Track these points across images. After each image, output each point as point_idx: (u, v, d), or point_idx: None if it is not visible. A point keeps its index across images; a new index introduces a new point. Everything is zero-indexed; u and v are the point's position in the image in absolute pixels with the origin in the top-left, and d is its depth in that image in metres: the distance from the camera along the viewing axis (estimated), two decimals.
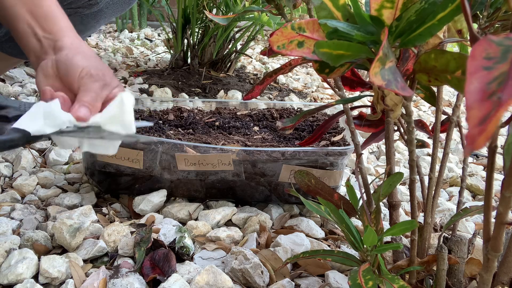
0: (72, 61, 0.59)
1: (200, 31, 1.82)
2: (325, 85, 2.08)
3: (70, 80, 0.59)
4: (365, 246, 0.54)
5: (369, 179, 1.07)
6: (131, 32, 3.13)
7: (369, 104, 0.71)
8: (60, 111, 0.56)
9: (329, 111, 1.13)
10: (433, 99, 0.56)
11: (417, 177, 0.55)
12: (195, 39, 1.79)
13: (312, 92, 1.97)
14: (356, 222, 0.84)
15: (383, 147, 1.33)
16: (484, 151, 1.39)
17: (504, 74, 0.21)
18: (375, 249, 0.53)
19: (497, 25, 0.49)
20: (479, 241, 0.74)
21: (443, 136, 0.59)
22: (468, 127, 0.21)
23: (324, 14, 0.42)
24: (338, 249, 0.78)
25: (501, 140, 1.36)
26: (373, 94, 0.47)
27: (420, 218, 0.82)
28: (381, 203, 0.83)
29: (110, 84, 0.60)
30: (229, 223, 0.85)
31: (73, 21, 1.00)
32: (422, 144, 0.65)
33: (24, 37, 0.62)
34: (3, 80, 1.57)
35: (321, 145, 0.91)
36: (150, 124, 0.65)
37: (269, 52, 0.53)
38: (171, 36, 1.88)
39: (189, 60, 1.86)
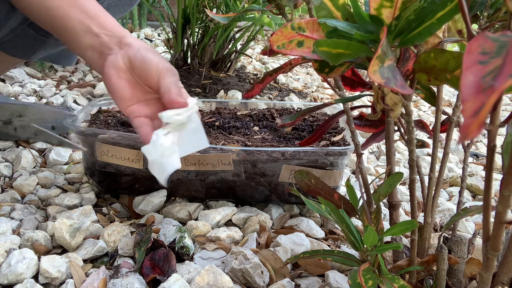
0: (147, 56, 0.62)
1: (200, 31, 1.82)
2: (325, 85, 2.08)
3: (146, 74, 0.63)
4: (365, 246, 0.54)
5: (369, 179, 1.07)
6: (131, 32, 3.13)
7: (369, 104, 0.71)
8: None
9: (329, 111, 1.13)
10: (433, 99, 0.56)
11: (417, 177, 0.55)
12: (195, 39, 1.80)
13: (312, 92, 1.97)
14: (356, 222, 0.84)
15: (383, 147, 1.33)
16: (484, 151, 1.39)
17: (498, 68, 0.21)
18: (375, 249, 0.53)
19: (497, 26, 0.48)
20: (479, 241, 0.74)
21: (443, 136, 0.59)
22: (463, 119, 0.22)
23: (323, 13, 0.42)
24: (338, 249, 0.78)
25: (500, 140, 1.36)
26: (373, 94, 0.47)
27: (420, 218, 0.82)
28: (381, 203, 0.83)
29: (178, 78, 0.65)
30: (229, 223, 0.85)
31: None
32: (422, 144, 0.65)
33: (79, 35, 0.65)
34: (3, 80, 1.57)
35: (321, 145, 0.91)
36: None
37: (269, 52, 0.53)
38: (171, 36, 1.89)
39: (189, 60, 1.86)
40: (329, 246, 0.79)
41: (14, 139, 0.93)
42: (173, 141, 0.61)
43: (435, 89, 0.55)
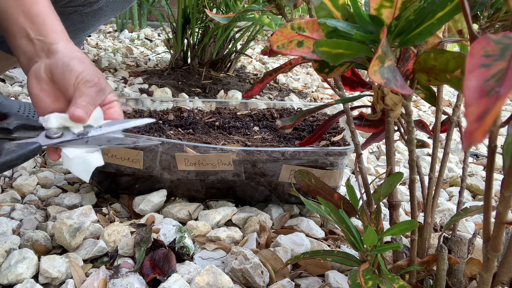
0: (69, 66, 0.59)
1: (200, 31, 1.82)
2: (325, 85, 2.08)
3: (66, 85, 0.59)
4: (365, 246, 0.54)
5: (369, 179, 1.07)
6: (131, 32, 3.13)
7: (369, 104, 0.71)
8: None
9: (329, 111, 1.13)
10: (433, 99, 0.56)
11: (417, 177, 0.55)
12: (195, 39, 1.80)
13: (312, 92, 1.97)
14: (356, 222, 0.84)
15: (383, 147, 1.33)
16: (484, 151, 1.39)
17: (502, 71, 0.21)
18: (375, 249, 0.53)
19: (497, 26, 0.48)
20: (479, 241, 0.74)
21: (443, 136, 0.59)
22: (466, 123, 0.21)
23: (323, 14, 0.42)
24: (338, 249, 0.78)
25: (500, 140, 1.36)
26: (373, 94, 0.47)
27: (420, 218, 0.82)
28: (381, 203, 0.83)
29: (105, 90, 0.62)
30: (229, 223, 0.85)
31: (73, 19, 1.00)
32: (422, 144, 0.65)
33: (17, 38, 0.62)
34: (3, 80, 1.57)
35: (321, 145, 0.91)
36: (152, 120, 0.66)
37: (269, 52, 0.53)
38: (171, 36, 1.88)
39: (189, 60, 1.86)
40: (329, 246, 0.79)
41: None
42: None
43: (435, 89, 0.55)
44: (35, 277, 0.65)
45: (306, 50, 0.41)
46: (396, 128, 0.56)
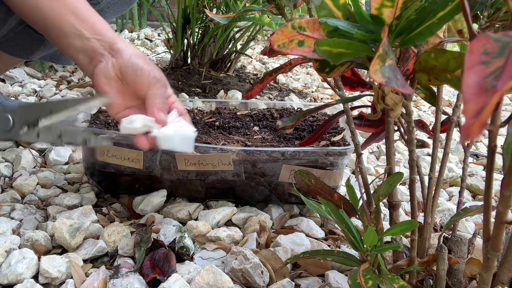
0: (138, 65, 0.62)
1: (200, 31, 1.82)
2: (325, 85, 2.08)
3: (138, 83, 0.63)
4: (365, 246, 0.54)
5: (369, 179, 1.07)
6: (131, 32, 3.13)
7: (369, 104, 0.71)
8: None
9: (329, 111, 1.13)
10: (433, 99, 0.56)
11: (417, 177, 0.55)
12: (195, 39, 1.79)
13: (312, 92, 1.97)
14: (356, 222, 0.84)
15: (383, 147, 1.33)
16: (484, 151, 1.39)
17: (501, 68, 0.21)
18: (375, 249, 0.53)
19: (497, 25, 0.49)
20: (479, 241, 0.74)
21: (443, 136, 0.59)
22: (465, 119, 0.21)
23: (324, 13, 0.42)
24: (338, 249, 0.78)
25: (500, 140, 1.36)
26: (373, 94, 0.47)
27: (420, 218, 0.82)
28: (381, 203, 0.83)
29: (168, 85, 0.65)
30: (229, 223, 0.85)
31: None
32: (422, 144, 0.65)
33: (68, 38, 0.64)
34: (3, 80, 1.57)
35: (321, 145, 0.91)
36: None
37: (270, 51, 0.53)
38: (171, 36, 1.88)
39: (189, 60, 1.86)
40: (329, 246, 0.79)
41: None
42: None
43: (435, 89, 0.55)
44: (35, 277, 0.65)
45: (306, 49, 0.41)
46: (396, 128, 0.56)
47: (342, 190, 0.97)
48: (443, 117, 0.59)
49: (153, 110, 0.62)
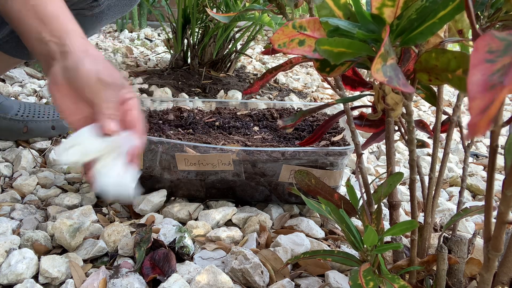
0: (83, 67, 0.57)
1: (200, 31, 1.82)
2: (325, 85, 2.08)
3: (81, 87, 0.58)
4: (365, 246, 0.54)
5: (369, 179, 1.07)
6: (131, 32, 3.13)
7: (370, 104, 0.71)
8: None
9: (329, 111, 1.13)
10: (433, 99, 0.56)
11: (417, 177, 0.55)
12: (195, 39, 1.79)
13: (312, 92, 1.97)
14: (356, 222, 0.84)
15: (383, 147, 1.33)
16: (484, 151, 1.39)
17: (506, 66, 0.22)
18: (375, 249, 0.53)
19: (497, 26, 0.48)
20: (479, 241, 0.74)
21: (443, 136, 0.59)
22: (470, 116, 0.21)
23: (325, 12, 0.42)
24: (338, 249, 0.78)
25: (501, 140, 1.36)
26: (373, 94, 0.47)
27: (420, 218, 0.82)
28: (381, 203, 0.83)
29: (122, 86, 0.60)
30: (229, 223, 0.85)
31: None
32: (422, 144, 0.65)
33: (31, 41, 0.61)
34: (3, 80, 1.57)
35: (321, 145, 0.91)
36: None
37: (273, 51, 0.53)
38: (171, 36, 1.88)
39: (189, 60, 1.86)
40: (329, 246, 0.79)
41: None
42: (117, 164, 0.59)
43: (435, 89, 0.55)
44: (35, 277, 0.65)
45: (307, 49, 0.41)
46: (396, 128, 0.56)
47: (342, 190, 0.97)
48: (444, 117, 0.59)
49: (99, 118, 0.57)
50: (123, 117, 0.60)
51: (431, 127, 0.61)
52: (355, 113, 0.65)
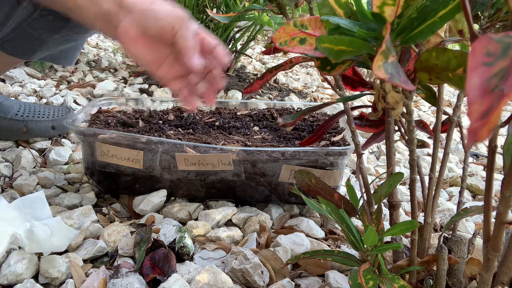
0: (154, 13, 0.60)
1: None
2: (325, 85, 2.08)
3: (162, 33, 0.61)
4: (365, 246, 0.54)
5: (369, 179, 1.07)
6: None
7: (370, 104, 0.71)
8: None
9: (329, 111, 1.13)
10: (433, 99, 0.56)
11: (418, 177, 0.55)
12: None
13: (312, 92, 1.97)
14: (356, 222, 0.84)
15: (383, 147, 1.33)
16: (484, 151, 1.39)
17: (504, 70, 0.21)
18: (375, 249, 0.53)
19: (498, 26, 0.48)
20: (479, 241, 0.74)
21: (443, 136, 0.59)
22: (470, 121, 0.21)
23: (326, 11, 0.42)
24: (338, 249, 0.78)
25: (501, 140, 1.36)
26: (373, 93, 0.47)
27: (420, 218, 0.82)
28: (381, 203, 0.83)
29: (193, 22, 0.63)
30: (229, 223, 0.85)
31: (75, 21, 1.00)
32: (422, 144, 0.65)
33: (86, 6, 0.62)
34: (3, 80, 1.57)
35: (321, 145, 0.91)
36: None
37: (275, 50, 0.53)
38: None
39: None
40: (329, 246, 0.79)
41: None
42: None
43: (435, 89, 0.55)
44: (35, 277, 0.65)
45: (308, 47, 0.41)
46: (396, 128, 0.56)
47: (342, 190, 0.97)
48: (444, 117, 0.59)
49: (185, 52, 0.61)
50: (201, 46, 0.65)
51: (431, 127, 0.61)
52: (355, 113, 0.65)
